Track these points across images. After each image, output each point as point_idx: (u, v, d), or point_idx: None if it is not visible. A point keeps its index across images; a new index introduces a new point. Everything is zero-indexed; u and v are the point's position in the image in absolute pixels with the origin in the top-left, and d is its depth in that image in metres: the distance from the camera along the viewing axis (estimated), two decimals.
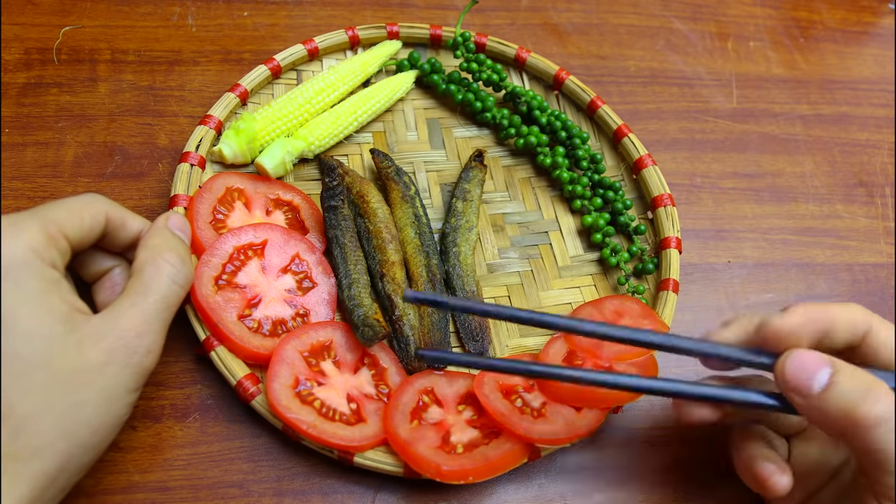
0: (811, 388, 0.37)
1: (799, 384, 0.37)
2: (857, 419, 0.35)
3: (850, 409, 0.35)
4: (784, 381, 0.38)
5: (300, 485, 0.46)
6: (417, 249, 0.53)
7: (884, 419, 0.35)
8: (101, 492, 0.44)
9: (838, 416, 0.36)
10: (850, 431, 0.36)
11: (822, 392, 0.36)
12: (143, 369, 0.40)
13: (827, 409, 0.36)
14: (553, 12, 0.73)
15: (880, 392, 0.36)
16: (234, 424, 0.48)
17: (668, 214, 0.57)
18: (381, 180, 0.57)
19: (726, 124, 0.69)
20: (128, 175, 0.56)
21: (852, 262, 0.63)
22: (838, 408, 0.36)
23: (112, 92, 0.60)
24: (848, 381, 0.36)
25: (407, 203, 0.55)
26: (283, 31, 0.66)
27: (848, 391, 0.36)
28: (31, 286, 0.37)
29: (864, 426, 0.35)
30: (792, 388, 0.37)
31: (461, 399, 0.48)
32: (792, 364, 0.38)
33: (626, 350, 0.47)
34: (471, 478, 0.43)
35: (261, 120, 0.55)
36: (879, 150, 0.70)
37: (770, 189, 0.65)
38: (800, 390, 0.37)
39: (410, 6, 0.70)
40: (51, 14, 0.63)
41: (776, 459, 0.42)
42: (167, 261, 0.42)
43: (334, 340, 0.48)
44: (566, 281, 0.56)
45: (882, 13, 0.81)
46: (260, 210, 0.53)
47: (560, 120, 0.61)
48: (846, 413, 0.35)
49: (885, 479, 0.35)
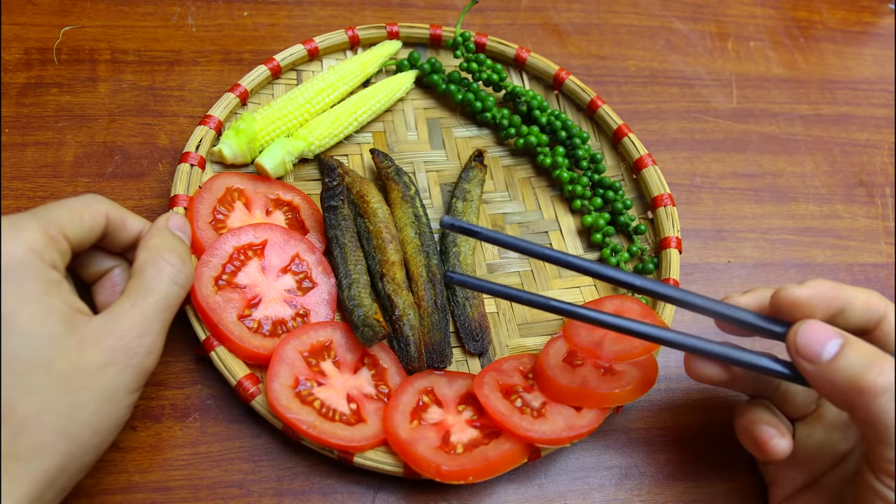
0: (821, 355, 0.38)
1: (809, 351, 0.38)
2: (861, 387, 0.36)
3: (856, 377, 0.36)
4: (795, 347, 0.39)
5: (300, 485, 0.46)
6: (417, 249, 0.53)
7: (887, 388, 0.36)
8: (101, 492, 0.44)
9: (845, 384, 0.37)
10: (856, 401, 0.37)
11: (830, 360, 0.37)
12: (143, 370, 0.40)
13: (834, 378, 0.37)
14: (553, 12, 0.73)
15: (886, 364, 0.36)
16: (234, 424, 0.48)
17: (668, 214, 0.57)
18: (381, 180, 0.57)
19: (726, 124, 0.69)
20: (128, 175, 0.56)
21: (852, 262, 0.63)
22: (845, 376, 0.37)
23: (112, 92, 0.60)
24: (856, 351, 0.37)
25: (407, 203, 0.55)
26: (283, 31, 0.66)
27: (855, 360, 0.37)
28: (32, 287, 0.37)
29: (868, 395, 0.36)
30: (802, 355, 0.38)
31: (461, 399, 0.48)
32: (804, 332, 0.38)
33: (626, 350, 0.47)
34: (471, 478, 0.43)
35: (261, 120, 0.55)
36: (879, 150, 0.70)
37: (770, 189, 0.65)
38: (810, 357, 0.38)
39: (410, 6, 0.70)
40: (51, 14, 0.63)
41: (777, 424, 0.43)
42: (167, 261, 0.42)
43: (334, 340, 0.48)
44: (566, 281, 0.56)
45: (882, 13, 0.81)
46: (260, 210, 0.53)
47: (560, 120, 0.61)
48: (852, 381, 0.36)
49: (883, 450, 0.36)
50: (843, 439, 0.44)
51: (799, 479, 0.45)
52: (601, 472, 0.50)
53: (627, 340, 0.47)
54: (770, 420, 0.43)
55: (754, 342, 0.50)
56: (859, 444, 0.43)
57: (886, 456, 0.36)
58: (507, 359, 0.50)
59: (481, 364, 0.52)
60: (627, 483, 0.49)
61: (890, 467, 0.36)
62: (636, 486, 0.49)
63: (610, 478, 0.49)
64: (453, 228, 0.41)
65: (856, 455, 0.43)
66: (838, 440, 0.44)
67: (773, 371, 0.41)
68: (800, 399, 0.45)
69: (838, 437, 0.44)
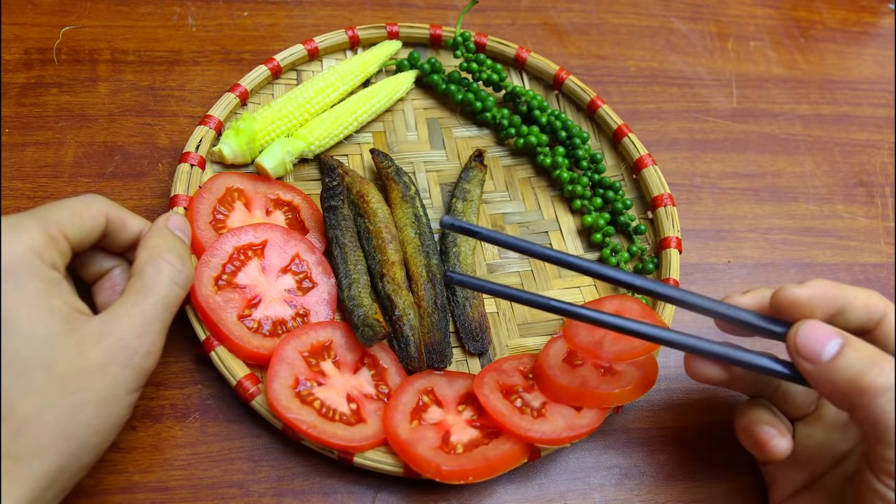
0: (821, 355, 0.38)
1: (809, 351, 0.38)
2: (861, 387, 0.36)
3: (856, 377, 0.36)
4: (795, 347, 0.39)
5: (300, 485, 0.46)
6: (417, 249, 0.53)
7: (887, 388, 0.36)
8: (101, 492, 0.44)
9: (845, 384, 0.37)
10: (855, 400, 0.37)
11: (830, 360, 0.37)
12: (143, 370, 0.40)
13: (834, 378, 0.37)
14: (553, 12, 0.73)
15: (886, 364, 0.36)
16: (234, 424, 0.48)
17: (668, 214, 0.57)
18: (381, 180, 0.57)
19: (726, 124, 0.69)
20: (128, 175, 0.56)
21: (852, 262, 0.63)
22: (845, 376, 0.37)
23: (112, 92, 0.60)
24: (856, 351, 0.37)
25: (407, 203, 0.55)
26: (283, 31, 0.66)
27: (855, 360, 0.37)
28: (32, 287, 0.37)
29: (868, 395, 0.36)
30: (802, 355, 0.38)
31: (461, 399, 0.48)
32: (804, 332, 0.39)
33: (626, 350, 0.47)
34: (471, 478, 0.43)
35: (261, 120, 0.55)
36: (879, 150, 0.70)
37: (770, 189, 0.65)
38: (810, 357, 0.38)
39: (410, 6, 0.70)
40: (51, 14, 0.63)
41: (777, 424, 0.43)
42: (167, 261, 0.42)
43: (334, 340, 0.48)
44: (566, 281, 0.56)
45: (882, 13, 0.81)
46: (260, 210, 0.53)
47: (560, 120, 0.61)
48: (852, 381, 0.36)
49: (883, 451, 0.36)
50: (843, 439, 0.44)
51: (799, 480, 0.45)
52: (601, 472, 0.50)
53: (627, 340, 0.47)
54: (770, 420, 0.43)
55: (754, 342, 0.50)
56: (859, 444, 0.43)
57: (886, 456, 0.36)
58: (507, 359, 0.50)
59: (481, 364, 0.52)
60: (627, 483, 0.49)
61: (890, 467, 0.36)
62: (636, 486, 0.49)
63: (610, 478, 0.50)
64: (453, 228, 0.41)
65: (856, 455, 0.43)
66: (838, 440, 0.44)
67: (774, 371, 0.41)
68: (800, 399, 0.45)
69: (838, 437, 0.44)
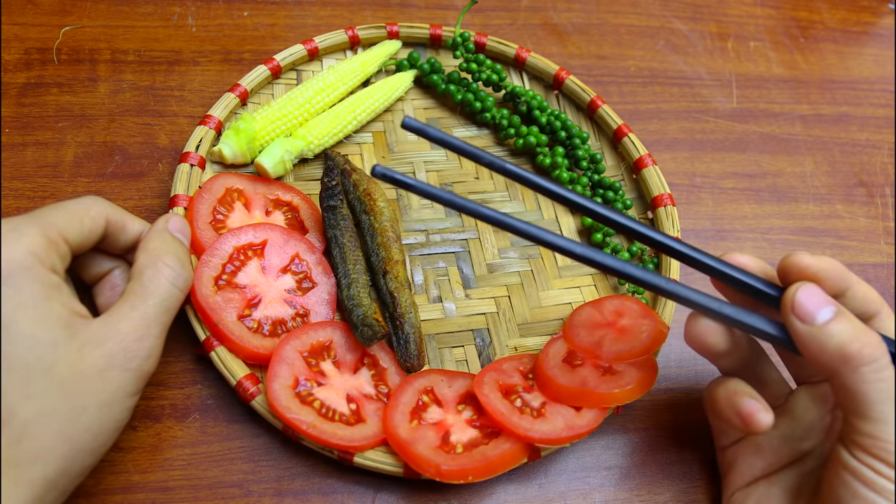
0: (815, 317, 0.39)
1: (805, 311, 0.39)
2: (847, 354, 0.37)
3: (845, 343, 0.37)
4: (792, 304, 0.39)
5: (300, 485, 0.46)
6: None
7: (871, 359, 0.37)
8: (101, 492, 0.44)
9: (832, 349, 0.38)
10: (839, 367, 0.38)
11: (823, 324, 0.38)
12: (143, 373, 0.40)
13: (823, 341, 0.38)
14: (553, 12, 0.73)
15: (873, 338, 0.38)
16: (234, 424, 0.48)
17: (668, 214, 0.57)
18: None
19: (726, 124, 0.69)
20: (128, 175, 0.56)
21: (852, 262, 0.63)
22: (834, 341, 0.38)
23: (112, 92, 0.60)
24: (849, 321, 0.38)
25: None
26: (283, 31, 0.66)
27: (846, 329, 0.38)
28: (32, 291, 0.37)
29: (852, 362, 0.37)
30: (797, 313, 0.39)
31: (461, 399, 0.48)
32: (804, 292, 0.39)
33: (625, 350, 0.47)
34: (470, 477, 0.43)
35: (261, 120, 0.55)
36: (879, 150, 0.70)
37: (770, 189, 0.65)
38: (804, 317, 0.39)
39: (410, 6, 0.70)
40: (51, 14, 0.63)
41: (760, 398, 0.43)
42: (167, 264, 0.42)
43: (334, 340, 0.49)
44: (566, 281, 0.56)
45: (882, 13, 0.81)
46: (259, 210, 0.53)
47: (560, 120, 0.61)
48: (839, 347, 0.37)
49: (860, 424, 0.37)
50: (805, 438, 0.45)
51: (758, 468, 0.46)
52: (601, 472, 0.50)
53: (627, 340, 0.47)
54: (752, 393, 0.43)
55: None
56: (820, 445, 0.44)
57: (862, 429, 0.37)
58: (507, 359, 0.50)
59: (481, 364, 0.52)
60: (627, 483, 0.50)
61: (865, 441, 0.37)
62: (636, 486, 0.49)
63: (610, 478, 0.50)
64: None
65: (816, 455, 0.44)
66: (801, 436, 0.45)
67: (768, 335, 0.41)
68: (773, 390, 0.46)
69: (801, 434, 0.45)
